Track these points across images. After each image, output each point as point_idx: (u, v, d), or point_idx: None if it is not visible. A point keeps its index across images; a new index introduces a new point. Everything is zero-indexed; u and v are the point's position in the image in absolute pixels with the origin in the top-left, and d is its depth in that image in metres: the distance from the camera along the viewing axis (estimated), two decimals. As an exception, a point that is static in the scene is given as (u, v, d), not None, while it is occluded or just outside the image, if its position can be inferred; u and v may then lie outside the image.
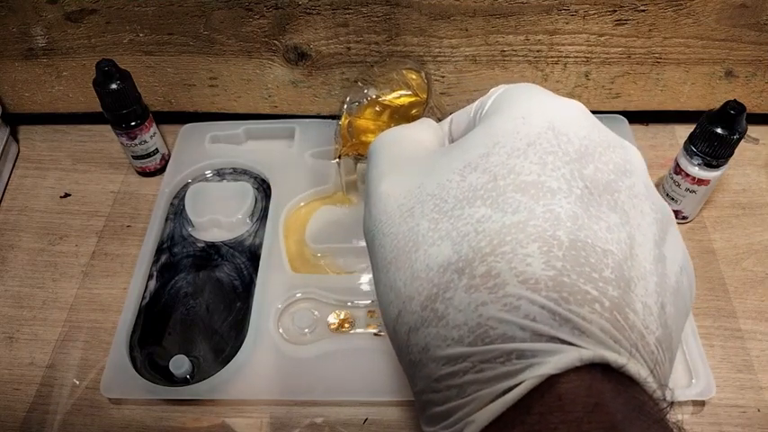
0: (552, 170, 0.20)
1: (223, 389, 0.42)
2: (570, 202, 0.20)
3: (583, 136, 0.21)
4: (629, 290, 0.19)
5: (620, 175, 0.21)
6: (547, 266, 0.19)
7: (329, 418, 0.42)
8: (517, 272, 0.19)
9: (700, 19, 0.50)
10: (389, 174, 0.24)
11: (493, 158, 0.21)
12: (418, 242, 0.21)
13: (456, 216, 0.20)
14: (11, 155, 0.60)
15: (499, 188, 0.20)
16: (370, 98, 0.50)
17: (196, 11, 0.52)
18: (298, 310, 0.47)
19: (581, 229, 0.19)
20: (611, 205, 0.20)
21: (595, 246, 0.19)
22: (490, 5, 0.50)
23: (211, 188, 0.55)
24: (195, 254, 0.51)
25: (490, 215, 0.20)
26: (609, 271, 0.19)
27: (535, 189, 0.20)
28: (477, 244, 0.20)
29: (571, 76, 0.55)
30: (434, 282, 0.20)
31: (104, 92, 0.51)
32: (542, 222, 0.19)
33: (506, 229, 0.19)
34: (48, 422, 0.43)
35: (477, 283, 0.19)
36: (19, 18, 0.53)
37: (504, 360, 0.18)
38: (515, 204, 0.20)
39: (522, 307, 0.18)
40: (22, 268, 0.52)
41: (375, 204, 0.24)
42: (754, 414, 0.42)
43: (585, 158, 0.21)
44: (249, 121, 0.59)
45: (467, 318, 0.19)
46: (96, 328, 0.48)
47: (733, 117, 0.45)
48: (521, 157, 0.21)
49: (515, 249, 0.19)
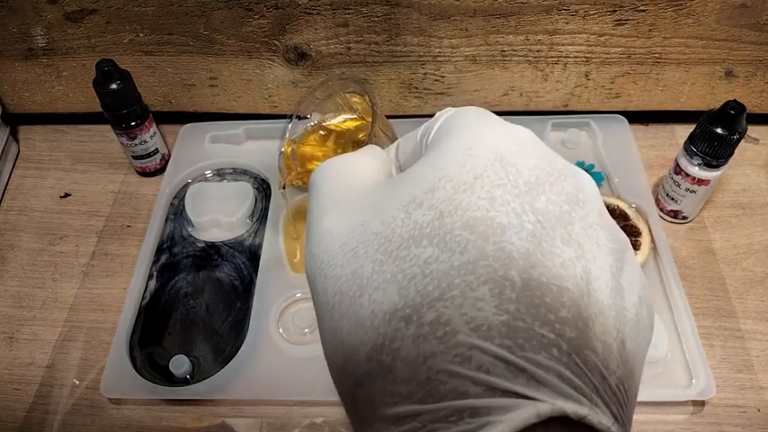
0: (501, 204, 0.19)
1: (223, 389, 0.42)
2: (522, 238, 0.18)
3: (532, 166, 0.20)
4: (587, 329, 0.18)
5: (573, 205, 0.20)
6: (499, 310, 0.17)
7: (329, 418, 0.42)
8: (468, 318, 0.17)
9: (700, 19, 0.50)
10: (331, 209, 0.23)
11: (439, 193, 0.20)
12: (362, 286, 0.19)
13: (402, 257, 0.19)
14: (11, 155, 0.60)
15: (446, 226, 0.19)
16: (313, 123, 0.48)
17: (196, 11, 0.52)
18: (298, 310, 0.47)
19: (534, 266, 0.18)
20: (565, 239, 0.19)
21: (550, 284, 0.18)
22: (490, 5, 0.50)
23: (211, 188, 0.55)
24: (195, 254, 0.51)
25: (437, 255, 0.19)
26: (565, 311, 0.18)
27: (484, 226, 0.19)
28: (424, 288, 0.18)
29: (571, 76, 0.55)
30: (380, 330, 0.18)
31: (104, 92, 0.51)
32: (493, 262, 0.18)
33: (455, 270, 0.18)
34: (48, 422, 0.43)
35: (426, 331, 0.18)
36: (19, 18, 0.53)
37: (456, 419, 0.17)
38: (463, 243, 0.18)
39: (474, 357, 0.17)
40: (22, 268, 0.52)
41: (317, 243, 0.22)
42: (754, 414, 0.42)
43: (536, 190, 0.20)
44: (249, 121, 0.59)
45: (415, 371, 0.18)
46: (96, 328, 0.48)
47: (733, 117, 0.45)
48: (468, 191, 0.19)
49: (465, 293, 0.18)
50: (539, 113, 0.59)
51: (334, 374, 0.21)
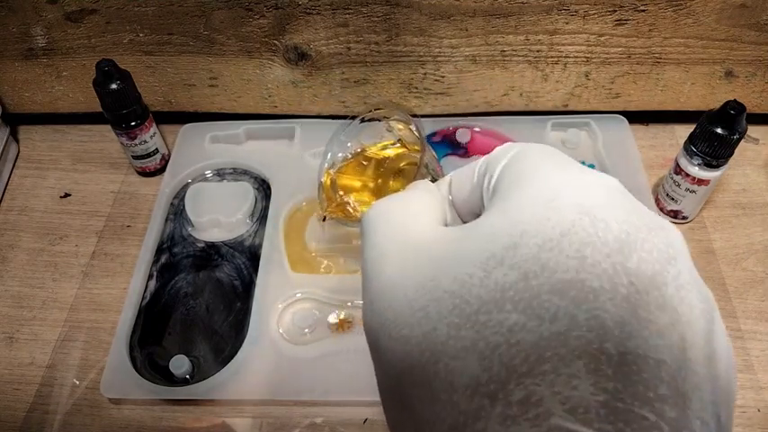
0: (592, 265, 0.17)
1: (223, 389, 0.42)
2: (616, 304, 0.17)
3: (622, 220, 0.18)
4: (685, 407, 0.16)
5: (665, 264, 0.18)
6: (596, 389, 0.16)
7: (329, 418, 0.42)
8: (562, 398, 0.16)
9: (700, 19, 0.50)
10: (392, 258, 0.21)
11: (522, 251, 0.18)
12: (437, 352, 0.17)
13: (482, 322, 0.17)
14: (11, 155, 0.60)
15: (532, 289, 0.17)
16: (353, 151, 0.46)
17: (196, 11, 0.52)
18: (298, 310, 0.47)
19: (630, 337, 0.16)
20: (660, 303, 0.17)
21: (647, 357, 0.16)
22: (490, 5, 0.50)
23: (211, 188, 0.55)
24: (195, 254, 0.51)
25: (524, 323, 0.17)
26: (664, 387, 0.16)
27: (575, 290, 0.17)
28: (510, 360, 0.16)
29: (571, 76, 0.55)
30: (460, 408, 0.17)
31: (104, 92, 0.51)
32: (586, 332, 0.16)
33: (545, 341, 0.16)
34: (48, 422, 0.43)
35: (515, 412, 0.16)
36: (19, 18, 0.53)
37: None
38: (553, 310, 0.17)
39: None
40: (22, 268, 0.52)
41: (378, 296, 0.20)
42: (754, 414, 0.42)
43: (628, 248, 0.18)
44: (249, 121, 0.59)
45: None
46: (96, 328, 0.48)
47: (733, 117, 0.45)
48: (554, 249, 0.17)
49: (558, 368, 0.16)
50: (539, 113, 0.59)
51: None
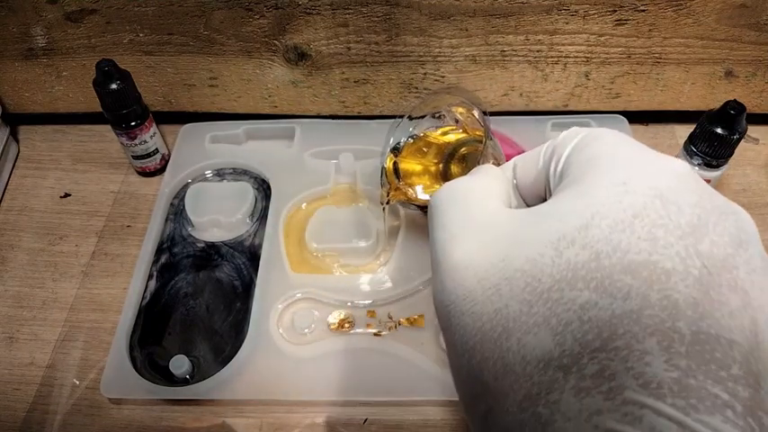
0: (664, 247, 0.18)
1: (223, 389, 0.42)
2: (688, 285, 0.17)
3: (694, 203, 0.19)
4: (759, 388, 0.16)
5: (737, 247, 0.18)
6: (669, 366, 0.16)
7: (329, 418, 0.42)
8: (635, 373, 0.16)
9: (700, 19, 0.50)
10: (462, 238, 0.21)
11: (593, 231, 0.18)
12: (509, 328, 0.18)
13: (554, 300, 0.18)
14: (11, 155, 0.60)
15: (604, 269, 0.18)
16: (415, 136, 0.46)
17: (196, 11, 0.52)
18: (298, 310, 0.47)
19: (702, 317, 0.17)
20: (731, 285, 0.18)
21: (720, 337, 0.17)
22: (490, 5, 0.50)
23: (211, 188, 0.55)
24: (195, 254, 0.51)
25: (596, 301, 0.17)
26: (737, 367, 0.16)
27: (647, 271, 0.17)
28: (582, 336, 0.17)
29: (571, 76, 0.55)
30: (534, 379, 0.17)
31: (104, 92, 0.51)
32: (659, 311, 0.17)
33: (617, 318, 0.17)
34: (48, 422, 0.43)
35: (589, 385, 0.16)
36: (19, 18, 0.53)
37: None
38: (625, 289, 0.17)
39: (645, 418, 0.16)
40: (21, 268, 0.52)
41: (449, 275, 0.21)
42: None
43: (699, 231, 0.18)
44: (249, 121, 0.59)
45: (578, 428, 0.16)
46: (96, 328, 0.48)
47: (733, 117, 0.45)
48: (626, 231, 0.18)
49: (630, 344, 0.16)
50: (539, 113, 0.59)
51: (476, 419, 0.20)
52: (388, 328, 0.46)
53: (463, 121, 0.46)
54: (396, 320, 0.46)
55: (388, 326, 0.46)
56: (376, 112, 0.59)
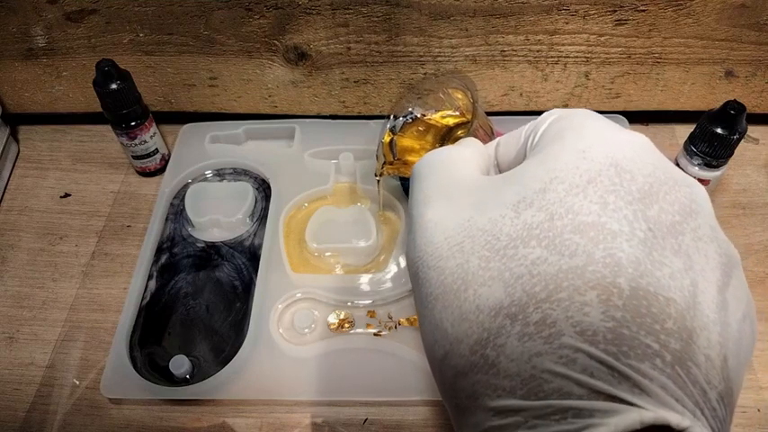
0: (614, 210, 0.19)
1: (223, 389, 0.42)
2: (632, 245, 0.19)
3: (647, 173, 0.20)
4: (691, 342, 0.18)
5: (686, 216, 0.20)
6: (606, 317, 0.18)
7: (329, 418, 0.42)
8: (574, 321, 0.18)
9: (700, 19, 0.50)
10: (436, 200, 0.23)
11: (550, 195, 0.20)
12: (467, 281, 0.20)
13: (509, 256, 0.19)
14: (11, 155, 0.60)
15: (556, 228, 0.19)
16: (414, 117, 0.49)
17: (196, 11, 0.52)
18: (298, 310, 0.47)
19: (643, 275, 0.18)
20: (675, 249, 0.19)
21: (657, 294, 0.18)
22: (490, 5, 0.50)
23: (211, 188, 0.55)
24: (195, 254, 0.51)
25: (546, 257, 0.19)
26: (671, 322, 0.18)
27: (595, 231, 0.19)
28: (531, 288, 0.19)
29: (571, 76, 0.55)
30: (485, 326, 0.19)
31: (104, 92, 0.51)
32: (602, 268, 0.18)
33: (563, 273, 0.18)
34: (48, 422, 0.43)
35: (531, 331, 0.18)
36: (19, 18, 0.53)
37: (559, 418, 0.17)
38: (573, 247, 0.19)
39: (578, 360, 0.17)
40: (22, 268, 0.52)
41: (420, 233, 0.22)
42: (754, 414, 0.42)
43: (649, 198, 0.20)
44: (249, 121, 0.59)
45: (519, 368, 0.18)
46: (96, 328, 0.48)
47: (733, 117, 0.45)
48: (580, 195, 0.20)
49: (572, 296, 0.18)
50: (539, 113, 0.59)
51: (434, 363, 0.21)
52: (387, 328, 0.46)
53: (461, 106, 0.48)
54: (396, 320, 0.46)
55: (388, 326, 0.46)
56: (376, 112, 0.59)
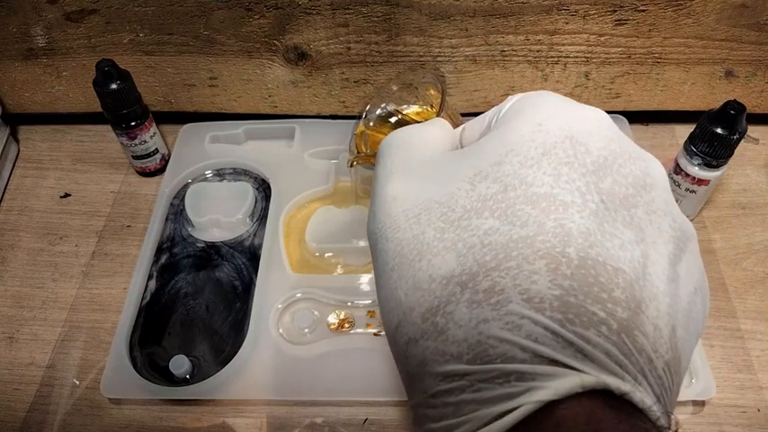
0: (566, 182, 0.19)
1: (223, 389, 0.42)
2: (583, 216, 0.19)
3: (602, 147, 0.20)
4: (639, 311, 0.18)
5: (639, 189, 0.20)
6: (553, 285, 0.18)
7: (329, 418, 0.42)
8: (521, 289, 0.18)
9: (700, 19, 0.50)
10: (397, 175, 0.23)
11: (505, 167, 0.20)
12: (422, 251, 0.20)
13: (463, 227, 0.20)
14: (11, 155, 0.60)
15: (509, 199, 0.19)
16: (387, 111, 0.49)
17: (196, 11, 0.52)
18: (298, 310, 0.47)
19: (592, 246, 0.18)
20: (627, 221, 0.19)
21: (606, 264, 0.18)
22: (490, 5, 0.50)
23: (211, 188, 0.55)
24: (195, 254, 0.51)
25: (498, 227, 0.19)
26: (619, 291, 0.18)
27: (546, 202, 0.19)
28: (482, 257, 0.19)
29: (571, 76, 0.55)
30: (436, 294, 0.19)
31: (104, 92, 0.51)
32: (551, 238, 0.18)
33: (513, 243, 0.19)
34: (48, 422, 0.43)
35: (480, 298, 0.18)
36: (19, 18, 0.53)
37: (502, 381, 0.17)
38: (524, 217, 0.19)
39: (524, 326, 0.18)
40: (21, 268, 0.52)
41: (380, 207, 0.23)
42: (754, 414, 0.42)
43: (603, 171, 0.20)
44: (249, 121, 0.59)
45: (467, 334, 0.18)
46: (96, 328, 0.48)
47: (733, 117, 0.45)
48: (534, 167, 0.20)
49: (521, 265, 0.18)
50: (539, 113, 0.59)
51: (389, 332, 0.22)
52: (388, 328, 0.46)
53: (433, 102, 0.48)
54: (396, 320, 0.46)
55: (388, 326, 0.46)
56: (376, 112, 0.59)
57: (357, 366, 0.43)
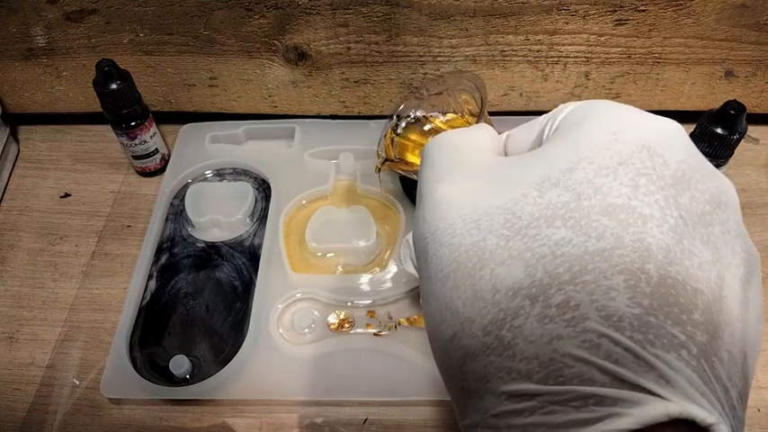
0: (645, 194, 0.18)
1: (223, 389, 0.42)
2: (663, 232, 0.18)
3: (680, 160, 0.19)
4: (716, 336, 0.17)
5: (716, 207, 0.19)
6: (632, 303, 0.17)
7: (329, 418, 0.42)
8: (599, 306, 0.17)
9: (700, 19, 0.50)
10: (448, 178, 0.22)
11: (578, 175, 0.19)
12: (484, 259, 0.19)
13: (531, 236, 0.18)
14: (11, 155, 0.60)
15: (583, 209, 0.18)
16: (417, 117, 0.49)
17: (196, 11, 0.52)
18: (298, 310, 0.47)
19: (672, 263, 0.17)
20: (704, 240, 0.18)
21: (686, 284, 0.17)
22: (490, 5, 0.50)
23: (211, 188, 0.55)
24: (195, 254, 0.51)
25: (571, 238, 0.18)
26: (698, 313, 0.17)
27: (624, 214, 0.18)
28: (554, 269, 0.18)
29: (571, 76, 0.55)
30: (501, 306, 0.18)
31: (104, 92, 0.51)
32: (630, 252, 0.17)
33: (589, 255, 0.18)
34: (48, 422, 0.43)
35: (553, 313, 0.17)
36: (19, 18, 0.53)
37: (579, 405, 0.16)
38: (601, 229, 0.18)
39: (602, 346, 0.17)
40: (21, 268, 0.52)
41: (431, 209, 0.22)
42: (754, 414, 0.42)
43: (682, 185, 0.19)
44: (249, 121, 0.59)
45: (538, 351, 0.17)
46: (96, 328, 0.48)
47: (733, 117, 0.45)
48: (610, 176, 0.19)
49: (598, 280, 0.17)
50: (539, 113, 0.59)
51: (439, 343, 0.20)
52: (387, 328, 0.46)
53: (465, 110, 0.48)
54: (396, 320, 0.46)
55: (388, 326, 0.46)
56: (376, 112, 0.59)
57: (357, 366, 0.43)
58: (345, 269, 0.49)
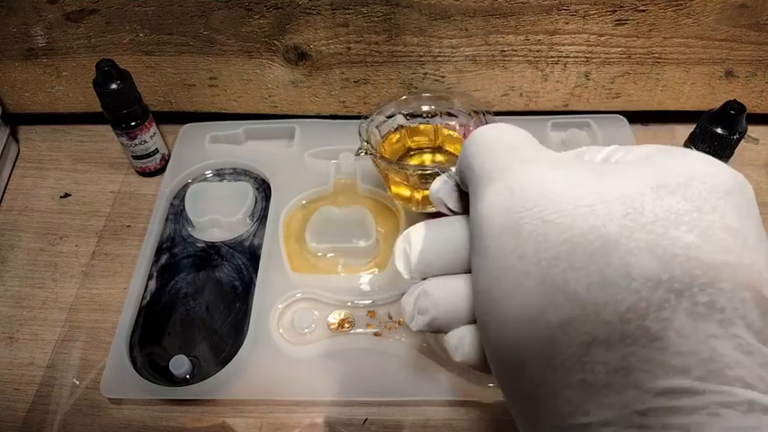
0: (750, 226, 0.19)
1: (223, 389, 0.42)
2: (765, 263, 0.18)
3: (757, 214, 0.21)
4: None
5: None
6: (762, 320, 0.17)
7: (329, 418, 0.42)
8: (741, 314, 0.17)
9: (700, 19, 0.50)
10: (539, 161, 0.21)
11: (692, 190, 0.19)
12: (609, 245, 0.18)
13: (658, 233, 0.18)
14: (11, 155, 0.60)
15: (706, 221, 0.18)
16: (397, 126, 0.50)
17: (196, 11, 0.52)
18: (298, 310, 0.47)
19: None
20: None
21: None
22: (490, 5, 0.50)
23: (211, 188, 0.55)
24: (195, 254, 0.51)
25: (700, 245, 0.18)
26: None
27: (741, 237, 0.18)
28: (691, 270, 0.17)
29: (571, 76, 0.55)
30: (641, 295, 0.17)
31: (104, 92, 0.51)
32: (750, 273, 0.18)
33: (719, 265, 0.17)
34: (48, 422, 0.43)
35: (702, 311, 0.17)
36: (19, 18, 0.53)
37: (745, 410, 0.16)
38: (724, 244, 0.18)
39: (754, 354, 0.16)
40: (21, 268, 0.52)
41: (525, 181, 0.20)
42: None
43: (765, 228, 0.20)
44: (249, 121, 0.59)
45: (695, 347, 0.17)
46: (96, 328, 0.48)
47: (733, 117, 0.45)
48: (721, 200, 0.19)
49: (735, 289, 0.17)
50: (539, 113, 0.59)
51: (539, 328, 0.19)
52: (388, 328, 0.46)
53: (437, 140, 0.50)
54: (396, 320, 0.46)
55: (388, 326, 0.46)
56: (376, 112, 0.59)
57: (357, 366, 0.43)
58: (345, 269, 0.49)
